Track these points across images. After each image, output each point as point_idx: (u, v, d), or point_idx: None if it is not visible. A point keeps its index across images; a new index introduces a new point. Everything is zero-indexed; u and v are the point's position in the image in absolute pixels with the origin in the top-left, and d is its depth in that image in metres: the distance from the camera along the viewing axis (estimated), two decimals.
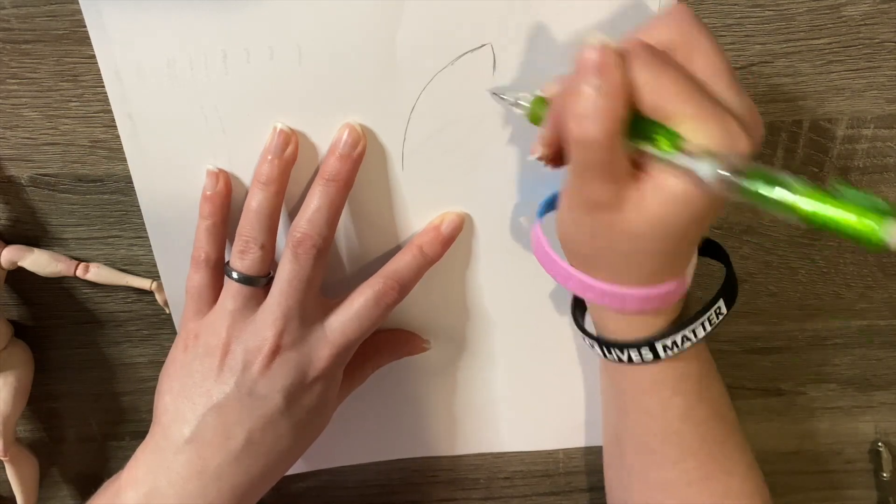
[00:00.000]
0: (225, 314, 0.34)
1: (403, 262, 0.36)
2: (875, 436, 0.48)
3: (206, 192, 0.35)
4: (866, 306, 0.43)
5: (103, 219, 0.39)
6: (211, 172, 0.35)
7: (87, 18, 0.32)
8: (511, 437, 0.46)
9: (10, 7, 0.33)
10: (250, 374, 0.33)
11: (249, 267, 0.34)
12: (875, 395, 0.46)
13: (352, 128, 0.34)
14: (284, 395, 0.34)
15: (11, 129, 0.36)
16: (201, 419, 0.33)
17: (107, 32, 0.32)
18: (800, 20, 0.34)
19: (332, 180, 0.33)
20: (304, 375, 0.34)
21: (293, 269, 0.33)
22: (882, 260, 0.41)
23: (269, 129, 0.34)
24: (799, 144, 0.37)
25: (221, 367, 0.34)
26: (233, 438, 0.33)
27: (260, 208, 0.33)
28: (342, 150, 0.34)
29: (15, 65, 0.34)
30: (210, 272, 0.35)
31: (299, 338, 0.34)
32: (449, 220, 0.37)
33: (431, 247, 0.36)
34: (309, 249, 0.33)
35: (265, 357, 0.33)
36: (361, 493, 0.48)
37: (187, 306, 0.36)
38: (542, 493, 0.49)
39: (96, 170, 0.37)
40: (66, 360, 0.44)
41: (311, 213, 0.33)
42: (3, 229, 0.39)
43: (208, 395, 0.33)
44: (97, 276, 0.39)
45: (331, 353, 0.34)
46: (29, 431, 0.46)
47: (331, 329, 0.35)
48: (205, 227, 0.35)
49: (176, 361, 0.35)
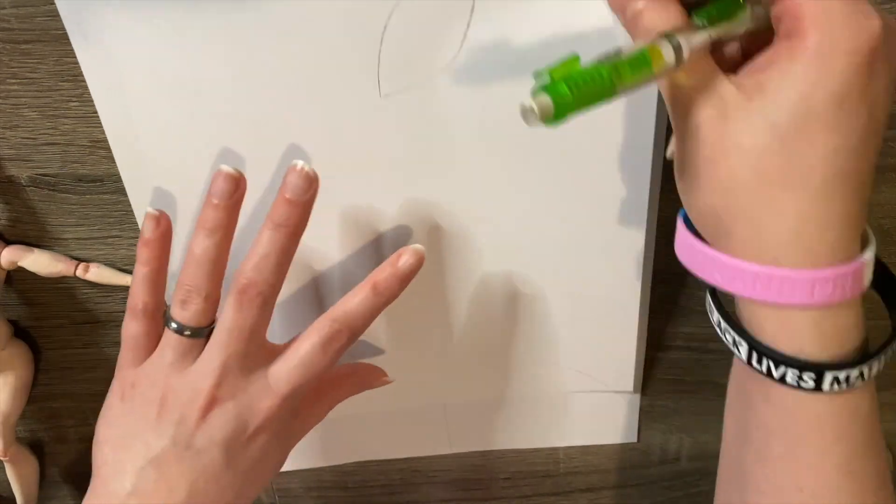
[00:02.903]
0: (162, 365, 0.33)
1: (355, 302, 0.33)
2: None
3: (144, 236, 0.33)
4: (867, 306, 0.43)
5: (103, 219, 0.39)
6: (150, 215, 0.33)
7: (65, 19, 0.32)
8: (508, 435, 0.46)
9: (10, 7, 0.33)
10: (187, 427, 0.32)
11: (191, 318, 0.32)
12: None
13: (302, 168, 0.31)
14: (223, 448, 0.32)
15: (11, 129, 0.36)
16: (141, 472, 0.32)
17: (86, 35, 0.32)
18: None
19: (282, 226, 0.31)
20: (244, 427, 0.33)
21: (235, 319, 0.32)
22: (882, 260, 0.41)
23: (254, 127, 0.34)
24: None
25: (159, 418, 0.32)
26: (175, 492, 0.32)
27: (204, 256, 0.32)
28: (292, 195, 0.31)
29: (15, 65, 0.34)
30: (147, 321, 0.34)
31: (238, 388, 0.33)
32: (407, 255, 0.33)
33: (387, 285, 0.33)
34: (254, 298, 0.31)
35: (201, 409, 0.32)
36: (362, 493, 0.48)
37: (123, 354, 0.34)
38: (542, 493, 0.49)
39: (96, 170, 0.37)
40: (66, 360, 0.44)
41: (259, 259, 0.31)
42: (3, 229, 0.39)
43: (147, 446, 0.32)
44: (97, 276, 0.39)
45: (273, 403, 0.33)
46: (29, 431, 0.46)
47: (274, 378, 0.33)
48: (142, 275, 0.33)
49: (113, 409, 0.34)
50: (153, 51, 0.32)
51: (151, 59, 0.33)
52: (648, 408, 0.46)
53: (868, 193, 0.24)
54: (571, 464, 0.48)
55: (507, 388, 0.43)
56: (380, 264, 0.33)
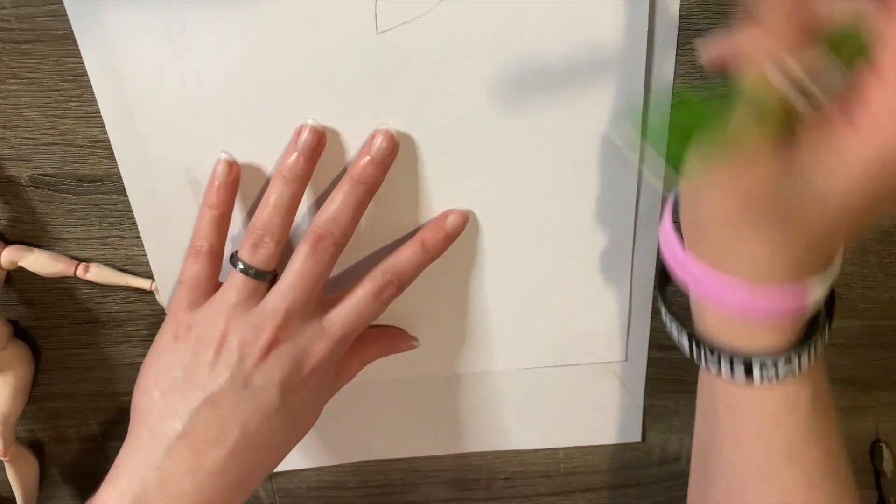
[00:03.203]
0: (224, 306, 0.33)
1: (404, 256, 0.36)
2: (875, 436, 0.48)
3: (214, 182, 0.34)
4: (866, 306, 0.43)
5: (103, 219, 0.39)
6: (225, 161, 0.34)
7: (72, 18, 0.32)
8: (513, 435, 0.46)
9: (10, 7, 0.33)
10: (246, 367, 0.33)
11: (260, 261, 0.33)
12: (875, 395, 0.46)
13: (389, 134, 0.33)
14: (280, 387, 0.33)
15: (11, 129, 0.36)
16: (194, 413, 0.32)
17: (92, 31, 0.32)
18: None
19: (363, 183, 0.33)
20: (300, 368, 0.34)
21: (308, 264, 0.33)
22: (883, 260, 0.41)
23: (270, 123, 0.34)
24: None
25: (217, 359, 0.33)
26: (227, 432, 0.32)
27: (279, 203, 0.33)
28: (376, 156, 0.33)
29: (15, 65, 0.34)
30: (210, 263, 0.34)
31: (297, 331, 0.34)
32: (453, 216, 0.36)
33: (433, 242, 0.36)
34: (328, 247, 0.33)
35: (262, 348, 0.33)
36: (362, 493, 0.48)
37: (179, 296, 0.35)
38: (542, 493, 0.49)
39: (96, 170, 0.37)
40: (66, 360, 0.44)
41: (336, 210, 0.33)
42: (3, 229, 0.39)
43: (202, 387, 0.32)
44: (97, 276, 0.39)
45: (327, 346, 0.34)
46: (29, 431, 0.46)
47: (329, 323, 0.35)
48: (210, 217, 0.34)
49: (164, 354, 0.34)
50: (154, 46, 0.32)
51: (153, 55, 0.33)
52: (648, 408, 0.46)
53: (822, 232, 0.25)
54: (571, 464, 0.48)
55: (509, 387, 0.44)
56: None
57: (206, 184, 0.35)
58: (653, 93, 0.34)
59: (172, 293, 0.37)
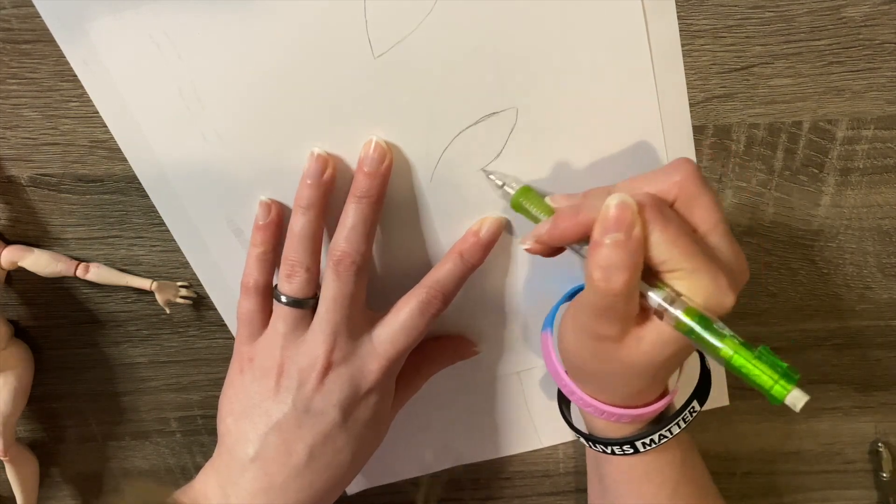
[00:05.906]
0: (277, 337, 0.35)
1: (445, 269, 0.36)
2: (875, 436, 0.48)
3: (258, 222, 0.36)
4: (866, 307, 0.43)
5: (103, 219, 0.39)
6: (263, 203, 0.36)
7: (47, 20, 0.32)
8: (548, 434, 0.46)
9: (10, 7, 0.33)
10: (305, 392, 0.35)
11: (297, 290, 0.35)
12: (875, 395, 0.46)
13: (376, 143, 0.34)
14: (340, 408, 0.35)
15: (11, 129, 0.36)
16: (263, 438, 0.35)
17: (71, 32, 0.32)
18: (800, 21, 0.34)
19: (364, 197, 0.34)
20: (357, 388, 0.35)
21: (336, 287, 0.34)
22: (882, 261, 0.41)
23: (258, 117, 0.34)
24: (799, 146, 0.37)
25: (278, 387, 0.35)
26: (295, 454, 0.35)
27: (303, 232, 0.34)
28: (369, 167, 0.34)
29: (15, 65, 0.34)
30: (259, 298, 0.36)
31: (349, 352, 0.35)
32: (488, 224, 0.37)
33: (471, 253, 0.37)
34: (349, 267, 0.34)
35: (318, 374, 0.35)
36: (362, 492, 0.48)
37: (239, 331, 0.37)
38: (542, 493, 0.49)
39: (96, 170, 0.37)
40: (66, 360, 0.44)
41: (348, 231, 0.34)
42: (3, 229, 0.39)
43: (268, 414, 0.35)
44: (97, 276, 0.39)
45: (381, 364, 0.35)
46: (29, 431, 0.46)
47: (379, 341, 0.35)
48: (255, 255, 0.36)
49: (234, 384, 0.36)
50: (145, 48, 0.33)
51: (142, 55, 0.33)
52: None
53: None
54: (571, 464, 0.48)
55: (544, 389, 0.44)
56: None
57: (205, 181, 0.36)
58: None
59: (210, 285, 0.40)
